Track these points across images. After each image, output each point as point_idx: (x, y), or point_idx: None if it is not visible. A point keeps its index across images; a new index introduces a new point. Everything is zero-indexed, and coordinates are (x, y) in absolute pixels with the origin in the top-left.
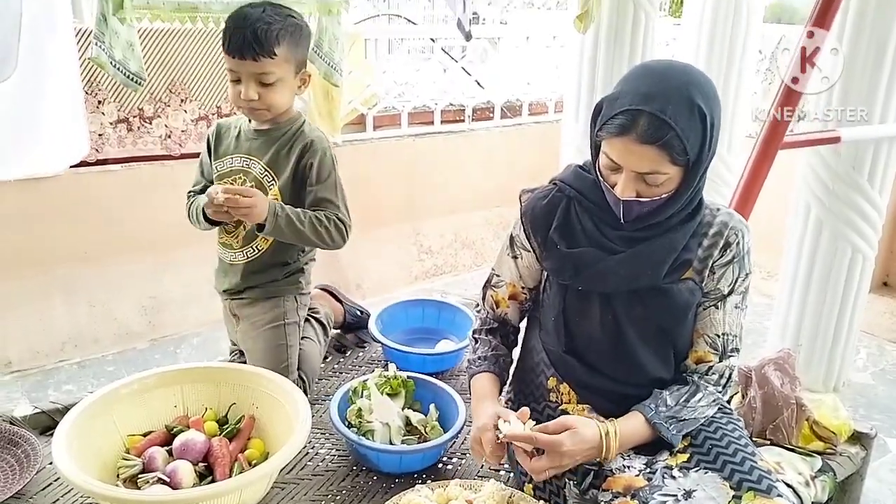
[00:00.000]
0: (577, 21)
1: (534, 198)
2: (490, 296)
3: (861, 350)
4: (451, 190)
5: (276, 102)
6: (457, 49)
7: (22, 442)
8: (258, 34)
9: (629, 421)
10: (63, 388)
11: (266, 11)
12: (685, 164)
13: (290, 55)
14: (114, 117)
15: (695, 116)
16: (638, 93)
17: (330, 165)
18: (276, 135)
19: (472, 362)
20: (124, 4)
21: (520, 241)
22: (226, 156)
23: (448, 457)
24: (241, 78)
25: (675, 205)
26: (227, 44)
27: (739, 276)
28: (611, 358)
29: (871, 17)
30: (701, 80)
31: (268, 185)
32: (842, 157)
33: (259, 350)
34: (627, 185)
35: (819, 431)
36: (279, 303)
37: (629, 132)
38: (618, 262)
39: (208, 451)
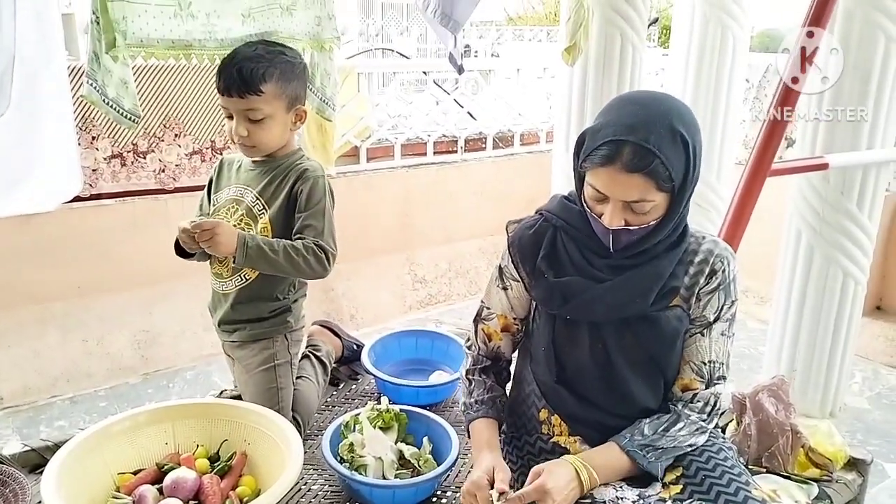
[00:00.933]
0: (566, 53)
1: (520, 228)
2: (482, 329)
3: (856, 374)
4: (445, 220)
5: (265, 139)
6: (449, 81)
7: (10, 481)
8: (243, 72)
9: (603, 452)
10: (55, 423)
11: (257, 50)
12: (671, 190)
13: (279, 92)
14: (108, 152)
15: (677, 143)
16: (620, 123)
17: (321, 193)
18: (272, 166)
19: (469, 406)
20: (117, 43)
21: (509, 271)
22: (224, 188)
23: (442, 490)
24: (233, 115)
25: (662, 231)
26: (218, 80)
27: (725, 304)
28: (601, 388)
29: (855, 43)
30: (681, 109)
31: (258, 213)
32: (831, 184)
33: (251, 393)
34: (615, 215)
35: (815, 458)
36: (269, 344)
37: (614, 162)
38: (605, 291)
39: (199, 489)
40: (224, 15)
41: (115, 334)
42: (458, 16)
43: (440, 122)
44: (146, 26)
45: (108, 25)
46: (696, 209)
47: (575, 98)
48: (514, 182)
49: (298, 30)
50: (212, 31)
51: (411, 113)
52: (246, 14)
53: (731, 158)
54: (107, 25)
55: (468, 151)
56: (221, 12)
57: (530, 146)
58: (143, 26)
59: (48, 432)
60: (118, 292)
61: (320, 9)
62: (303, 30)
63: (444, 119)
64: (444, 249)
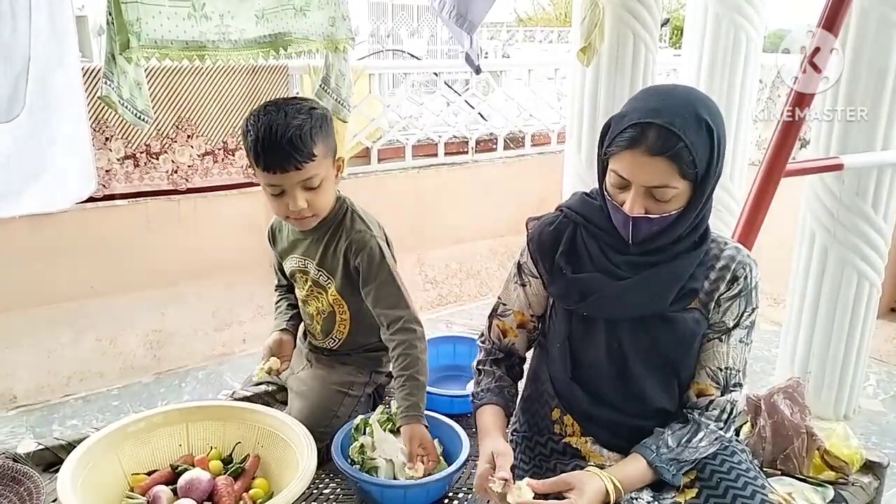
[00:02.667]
0: (581, 54)
1: (540, 224)
2: (496, 325)
3: (870, 377)
4: (455, 220)
5: (323, 205)
6: (459, 83)
7: (25, 479)
8: (294, 142)
9: (630, 465)
10: (68, 423)
11: (289, 114)
12: (694, 178)
13: (325, 149)
14: (121, 153)
15: (702, 130)
16: (646, 108)
17: (378, 259)
18: (322, 232)
19: (475, 395)
20: (131, 44)
21: (528, 268)
22: (287, 256)
23: (454, 492)
24: (285, 190)
25: (682, 225)
26: (261, 161)
27: (745, 311)
28: (615, 387)
29: (871, 43)
30: (706, 100)
31: (325, 284)
32: (845, 185)
33: (307, 405)
34: (636, 202)
35: (830, 461)
36: (353, 371)
37: (639, 145)
38: (623, 288)
39: (213, 491)
40: (238, 16)
41: (127, 334)
42: (474, 16)
43: (451, 123)
44: (160, 28)
45: (122, 27)
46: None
47: (587, 99)
48: (524, 183)
49: (312, 31)
50: (225, 33)
51: (422, 114)
52: (259, 15)
53: (744, 159)
54: (121, 27)
55: (479, 152)
56: (235, 13)
57: (541, 147)
58: (157, 27)
59: (61, 431)
60: (131, 292)
61: (334, 9)
62: (316, 31)
63: (455, 120)
64: (455, 250)
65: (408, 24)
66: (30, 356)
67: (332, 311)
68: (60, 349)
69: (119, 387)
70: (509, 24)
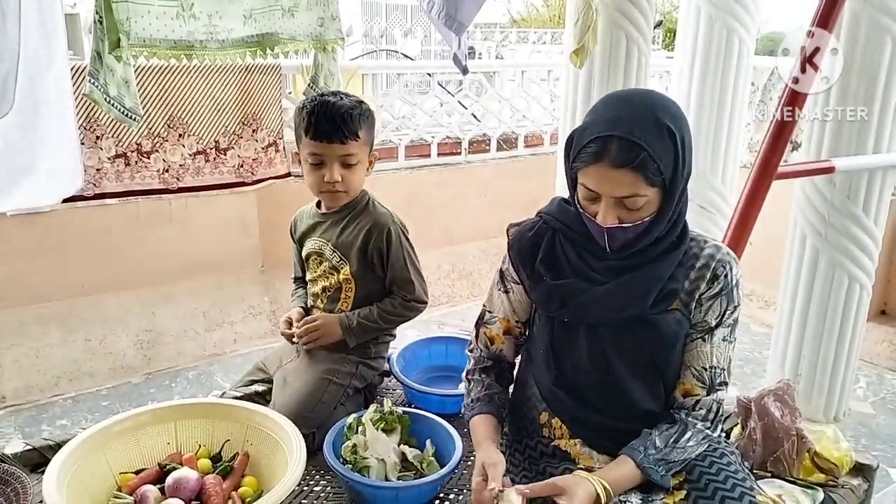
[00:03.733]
0: (574, 56)
1: (520, 230)
2: (483, 333)
3: (861, 379)
4: (448, 221)
5: (356, 183)
6: (453, 83)
7: (12, 480)
8: (345, 118)
9: (618, 467)
10: (57, 423)
11: (343, 99)
12: (661, 184)
13: (367, 137)
14: (112, 152)
15: (664, 135)
16: (605, 120)
17: (396, 244)
18: (342, 215)
19: (467, 406)
20: (121, 43)
21: (510, 274)
22: (306, 239)
23: (445, 493)
24: (325, 161)
25: (657, 228)
26: (312, 130)
27: (727, 309)
28: (600, 390)
29: (862, 46)
30: (666, 102)
31: (338, 265)
32: (836, 187)
33: (293, 391)
34: (608, 213)
35: (820, 463)
36: (340, 360)
37: (602, 159)
38: (603, 293)
39: (201, 489)
40: (226, 16)
41: (117, 334)
42: (463, 17)
43: (444, 124)
44: (149, 27)
45: (113, 26)
46: (700, 213)
47: (580, 100)
48: (517, 184)
49: (300, 31)
50: (213, 32)
51: (415, 114)
52: (247, 15)
53: (736, 162)
54: (111, 26)
55: (472, 153)
56: (223, 13)
57: (534, 148)
58: (146, 27)
59: (50, 431)
60: (121, 292)
61: (323, 10)
62: (304, 31)
63: (448, 121)
64: (447, 251)
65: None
66: (19, 355)
67: (339, 288)
68: (50, 349)
69: (109, 387)
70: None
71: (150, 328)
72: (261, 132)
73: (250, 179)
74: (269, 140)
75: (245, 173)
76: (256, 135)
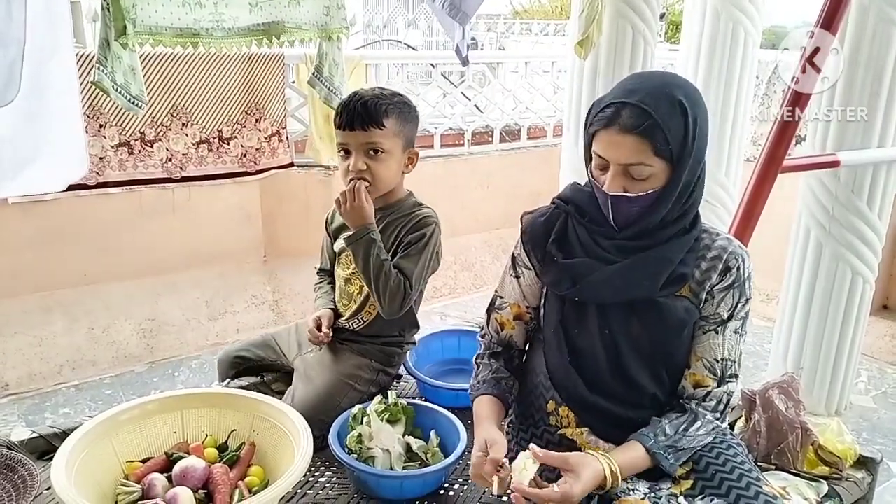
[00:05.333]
0: (578, 47)
1: (533, 216)
2: (494, 318)
3: (862, 373)
4: (451, 213)
5: (383, 174)
6: (456, 74)
7: (19, 467)
8: (367, 105)
9: (628, 452)
10: (60, 411)
11: (376, 91)
12: (668, 155)
13: (398, 129)
14: (115, 141)
15: (676, 109)
16: (623, 90)
17: (426, 240)
18: (384, 214)
19: (473, 387)
20: (127, 30)
21: (521, 259)
22: (341, 233)
23: (450, 483)
24: (351, 149)
25: (662, 205)
26: (339, 118)
27: (739, 302)
28: (608, 374)
29: (868, 41)
30: (685, 84)
31: None
32: (841, 181)
33: (312, 389)
34: (614, 180)
35: (824, 456)
36: (364, 366)
37: (613, 123)
38: (613, 272)
39: (208, 478)
40: (232, 4)
41: (120, 322)
42: (467, 7)
43: (447, 115)
44: (155, 14)
45: (119, 13)
46: (705, 205)
47: (585, 91)
48: (520, 176)
49: (305, 20)
50: (219, 20)
51: (418, 105)
52: (254, 3)
53: (740, 155)
54: (117, 13)
55: (475, 144)
56: (229, 2)
57: (537, 140)
58: (152, 14)
59: (53, 419)
60: (124, 281)
61: None
62: (310, 19)
63: (451, 112)
64: (450, 243)
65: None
66: (22, 344)
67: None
68: (53, 337)
69: (112, 375)
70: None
71: (153, 317)
72: (264, 122)
73: (253, 169)
74: (273, 130)
75: (248, 163)
76: (259, 124)
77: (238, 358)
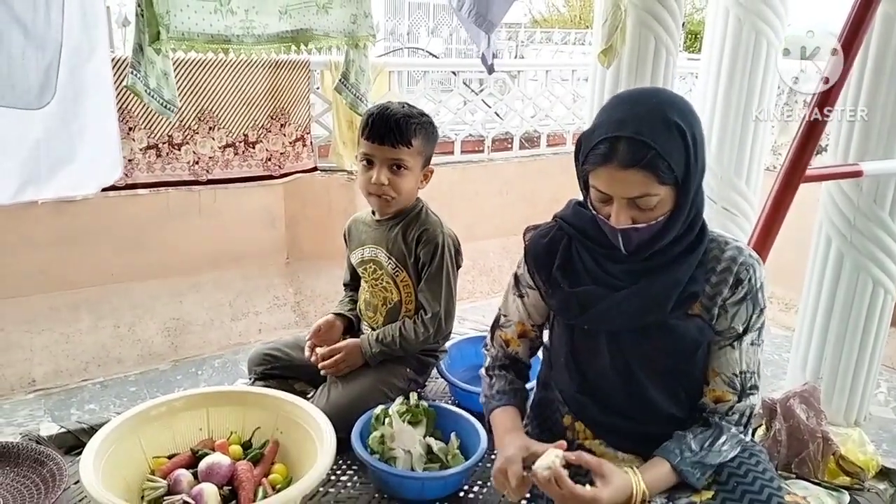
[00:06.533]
0: (602, 55)
1: (536, 236)
2: (499, 336)
3: (882, 384)
4: (470, 218)
5: (403, 189)
6: (476, 81)
7: (48, 461)
8: (400, 124)
9: (655, 469)
10: (86, 407)
11: (406, 108)
12: (673, 182)
13: (422, 148)
14: (144, 143)
15: (673, 133)
16: (613, 121)
17: (439, 255)
18: (395, 222)
19: (490, 398)
20: (160, 36)
21: (525, 279)
22: (359, 247)
23: (469, 485)
24: (375, 162)
25: (673, 227)
26: (368, 130)
27: (754, 313)
28: (623, 397)
29: (893, 52)
30: (674, 99)
31: (393, 272)
32: (863, 191)
33: (348, 392)
34: (621, 213)
35: (846, 466)
36: (397, 373)
37: (611, 160)
38: (622, 299)
39: (233, 475)
40: (262, 11)
41: (145, 321)
42: (493, 16)
43: (467, 122)
44: (188, 20)
45: (153, 19)
46: (725, 215)
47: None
48: (539, 182)
49: (334, 28)
50: (249, 27)
51: (439, 112)
52: (283, 11)
53: (761, 164)
54: (151, 19)
55: (495, 151)
56: (260, 9)
57: (556, 147)
58: (184, 20)
59: (79, 415)
60: (150, 280)
61: (356, 7)
62: (338, 27)
63: (472, 118)
64: (468, 247)
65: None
66: (49, 341)
67: (399, 300)
68: (79, 334)
69: (136, 373)
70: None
71: (177, 316)
72: (289, 127)
73: (278, 173)
74: (297, 135)
75: (273, 167)
76: (284, 129)
77: (268, 356)
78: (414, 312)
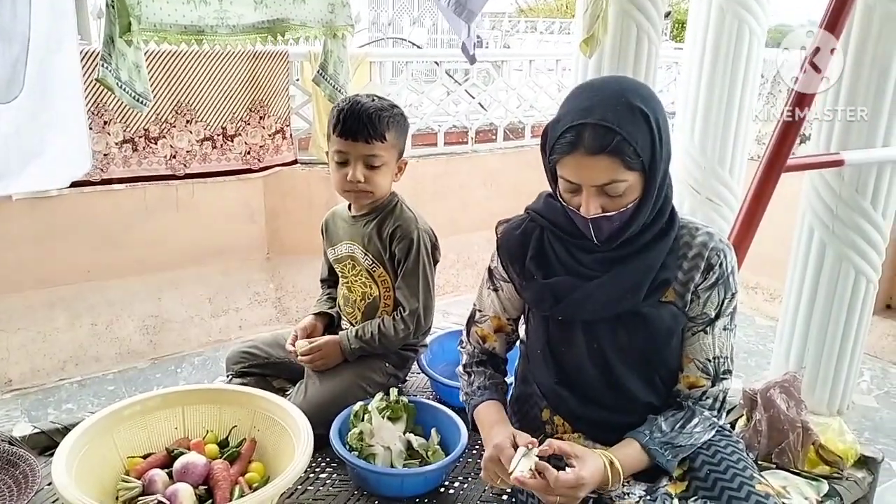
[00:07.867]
0: (584, 45)
1: (508, 228)
2: (475, 332)
3: (865, 373)
4: (454, 210)
5: (381, 186)
6: (460, 72)
7: (21, 462)
8: (373, 118)
9: (625, 449)
10: (63, 406)
11: (376, 101)
12: (640, 167)
13: (395, 141)
14: (119, 137)
15: (637, 118)
16: (577, 109)
17: (415, 251)
18: (370, 218)
19: (471, 394)
20: (132, 27)
21: (499, 272)
22: (336, 243)
23: (450, 481)
24: (350, 160)
25: (642, 214)
26: (340, 126)
27: (726, 298)
28: (600, 387)
29: (874, 39)
30: (637, 86)
31: (370, 267)
32: (845, 181)
33: (326, 389)
34: (591, 202)
35: (825, 455)
36: (376, 369)
37: (577, 147)
38: (595, 288)
39: (209, 474)
40: (236, 2)
41: (123, 319)
42: (473, 5)
43: (451, 113)
44: (159, 11)
45: (124, 10)
46: (709, 205)
47: None
48: (523, 174)
49: (311, 17)
50: (224, 18)
51: (422, 103)
52: (258, 1)
53: (744, 154)
54: (122, 10)
55: (478, 142)
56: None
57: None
58: (156, 11)
59: (56, 415)
60: (127, 277)
61: None
62: (315, 17)
63: (455, 109)
64: (452, 240)
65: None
66: (25, 339)
67: (377, 296)
68: (56, 333)
69: (115, 371)
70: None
71: (156, 314)
72: (268, 119)
73: (257, 166)
74: (277, 127)
75: (252, 160)
76: (263, 122)
77: (246, 353)
78: (393, 308)
